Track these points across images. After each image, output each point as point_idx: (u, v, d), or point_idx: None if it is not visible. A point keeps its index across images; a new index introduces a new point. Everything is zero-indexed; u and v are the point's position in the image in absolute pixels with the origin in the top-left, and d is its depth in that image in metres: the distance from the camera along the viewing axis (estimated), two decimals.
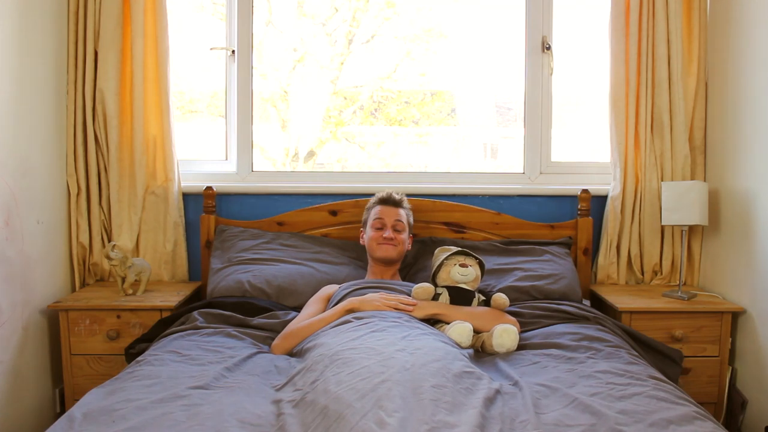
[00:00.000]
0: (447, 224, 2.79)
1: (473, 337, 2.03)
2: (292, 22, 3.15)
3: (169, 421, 1.47)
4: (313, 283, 2.48)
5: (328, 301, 2.29)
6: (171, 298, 2.48)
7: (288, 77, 3.19)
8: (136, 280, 2.53)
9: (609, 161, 2.80)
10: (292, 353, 2.05)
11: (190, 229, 2.86)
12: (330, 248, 2.69)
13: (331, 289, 2.38)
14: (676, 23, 2.67)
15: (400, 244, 2.46)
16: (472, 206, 2.81)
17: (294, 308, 2.39)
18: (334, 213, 2.80)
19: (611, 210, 2.76)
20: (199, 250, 2.82)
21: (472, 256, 2.27)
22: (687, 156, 2.73)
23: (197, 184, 2.83)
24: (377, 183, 2.82)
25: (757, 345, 2.37)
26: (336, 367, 1.64)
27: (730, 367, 2.49)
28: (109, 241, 2.72)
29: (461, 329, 2.00)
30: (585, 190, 2.77)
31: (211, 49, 2.94)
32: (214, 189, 2.79)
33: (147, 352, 2.00)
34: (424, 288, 2.20)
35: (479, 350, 2.06)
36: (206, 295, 2.57)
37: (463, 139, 3.32)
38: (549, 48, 2.89)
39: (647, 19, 2.68)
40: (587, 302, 2.67)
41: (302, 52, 3.16)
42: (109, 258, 2.44)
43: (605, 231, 2.78)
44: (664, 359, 2.18)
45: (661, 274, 2.78)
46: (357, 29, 3.16)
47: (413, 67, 3.18)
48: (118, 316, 2.40)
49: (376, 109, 3.22)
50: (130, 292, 2.51)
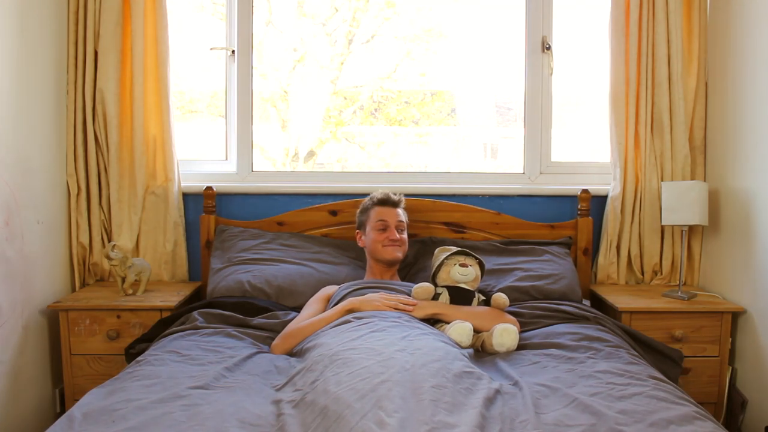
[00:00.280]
0: (447, 224, 2.79)
1: (473, 337, 2.03)
2: (292, 22, 3.15)
3: (169, 421, 1.47)
4: (313, 283, 2.48)
5: (328, 302, 2.29)
6: (171, 298, 2.48)
7: (288, 77, 3.19)
8: (136, 280, 2.53)
9: (609, 161, 2.81)
10: (292, 353, 2.05)
11: (190, 229, 2.86)
12: (330, 248, 2.69)
13: (331, 289, 2.38)
14: (676, 23, 2.67)
15: (404, 244, 2.47)
16: (472, 206, 2.81)
17: (294, 308, 2.39)
18: (334, 213, 2.80)
19: (611, 210, 2.76)
20: (199, 250, 2.82)
21: (472, 255, 2.26)
22: (687, 156, 2.73)
23: (197, 184, 2.83)
24: (377, 183, 2.82)
25: (757, 345, 2.37)
26: (336, 368, 1.64)
27: (730, 367, 2.49)
28: (109, 241, 2.72)
29: (461, 329, 2.00)
30: (585, 190, 2.77)
31: (211, 49, 2.94)
32: (214, 189, 2.79)
33: (147, 352, 2.00)
34: (424, 288, 2.20)
35: (479, 350, 2.06)
36: (206, 295, 2.57)
37: (463, 139, 3.32)
38: (549, 48, 2.89)
39: (647, 19, 2.68)
40: (587, 302, 2.67)
41: (302, 52, 3.16)
42: (109, 258, 2.44)
43: (605, 231, 2.78)
44: (664, 359, 2.18)
45: (661, 274, 2.78)
46: (357, 29, 3.16)
47: (413, 67, 3.18)
48: (118, 316, 2.40)
49: (376, 109, 3.21)
50: (130, 292, 2.51)
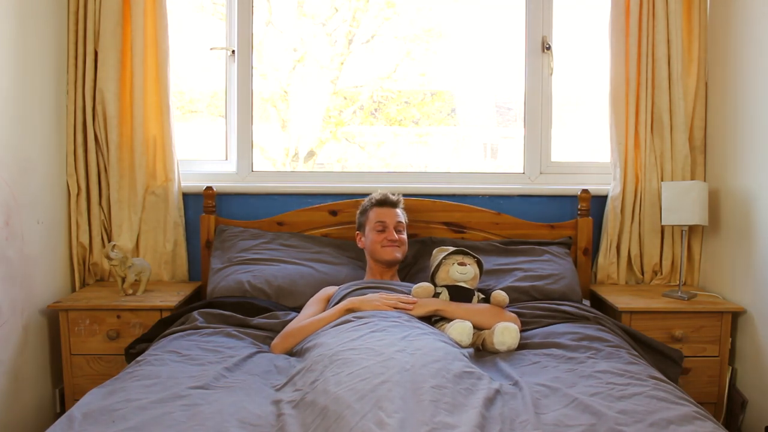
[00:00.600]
0: (447, 224, 2.79)
1: (473, 335, 2.03)
2: (292, 22, 3.15)
3: (169, 421, 1.47)
4: (313, 284, 2.48)
5: (328, 302, 2.29)
6: (171, 298, 2.48)
7: (288, 77, 3.19)
8: (136, 280, 2.53)
9: (609, 161, 2.80)
10: (291, 353, 2.05)
11: (190, 229, 2.86)
12: (330, 248, 2.69)
13: (331, 290, 2.38)
14: (676, 23, 2.67)
15: (403, 244, 2.47)
16: (472, 206, 2.81)
17: (294, 308, 2.39)
18: (334, 213, 2.80)
19: (611, 210, 2.76)
20: (199, 250, 2.82)
21: (470, 254, 2.27)
22: (687, 156, 2.73)
23: (197, 184, 2.83)
24: (377, 183, 2.82)
25: (757, 345, 2.37)
26: (336, 368, 1.64)
27: (730, 367, 2.49)
28: (109, 241, 2.72)
29: (461, 328, 2.00)
30: (585, 190, 2.77)
31: (211, 49, 2.94)
32: (214, 189, 2.78)
33: (147, 352, 2.00)
34: (424, 287, 2.20)
35: (480, 348, 2.05)
36: (206, 295, 2.57)
37: (463, 139, 3.32)
38: (549, 48, 2.89)
39: (647, 19, 2.68)
40: (587, 302, 2.67)
41: (302, 52, 3.16)
42: (109, 258, 2.44)
43: (605, 231, 2.78)
44: (664, 359, 2.18)
45: (661, 274, 2.78)
46: (357, 29, 3.16)
47: (413, 67, 3.18)
48: (118, 316, 2.40)
49: (376, 109, 3.21)
50: (130, 292, 2.51)
